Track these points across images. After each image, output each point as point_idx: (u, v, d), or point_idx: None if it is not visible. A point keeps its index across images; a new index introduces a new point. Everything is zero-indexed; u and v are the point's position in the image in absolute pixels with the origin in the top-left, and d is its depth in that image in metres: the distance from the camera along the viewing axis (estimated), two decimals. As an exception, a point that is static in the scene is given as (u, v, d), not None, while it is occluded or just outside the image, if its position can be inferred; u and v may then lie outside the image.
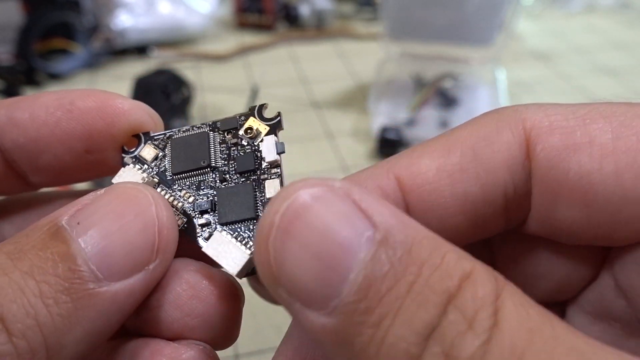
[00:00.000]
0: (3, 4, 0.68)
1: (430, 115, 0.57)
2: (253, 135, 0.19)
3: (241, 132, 0.19)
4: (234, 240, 0.17)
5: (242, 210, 0.18)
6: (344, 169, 0.52)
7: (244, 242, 0.17)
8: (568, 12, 0.88)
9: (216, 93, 0.64)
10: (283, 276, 0.13)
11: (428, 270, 0.12)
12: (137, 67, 0.67)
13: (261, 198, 0.18)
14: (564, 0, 0.89)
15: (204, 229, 0.18)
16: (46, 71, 0.66)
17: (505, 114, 0.17)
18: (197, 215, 0.18)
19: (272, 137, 0.19)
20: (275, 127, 0.19)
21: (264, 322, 0.37)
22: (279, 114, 0.19)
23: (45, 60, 0.66)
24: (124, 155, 0.19)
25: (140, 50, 0.72)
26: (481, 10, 0.56)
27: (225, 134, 0.19)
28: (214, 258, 0.17)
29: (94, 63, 0.69)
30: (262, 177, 0.18)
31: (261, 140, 0.19)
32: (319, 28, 0.80)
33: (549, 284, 0.18)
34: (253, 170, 0.18)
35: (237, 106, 0.58)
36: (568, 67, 0.71)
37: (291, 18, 0.81)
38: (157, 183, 0.19)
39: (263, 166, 0.18)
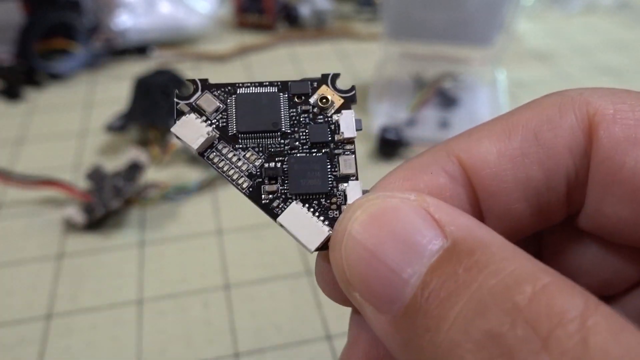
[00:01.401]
0: (3, 4, 0.68)
1: (430, 115, 0.58)
2: (327, 105, 0.18)
3: (313, 99, 0.18)
4: (310, 213, 0.17)
5: (315, 183, 0.17)
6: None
7: (319, 217, 0.17)
8: (568, 12, 0.88)
9: (216, 93, 0.64)
10: (355, 281, 0.14)
11: (493, 279, 0.12)
12: (137, 67, 0.67)
13: (335, 173, 0.17)
14: (564, 1, 0.89)
15: (270, 196, 0.17)
16: (46, 71, 0.66)
17: (569, 96, 0.16)
18: (264, 181, 0.17)
19: (351, 112, 0.18)
20: (350, 100, 0.18)
21: (264, 321, 0.37)
22: (353, 87, 0.18)
23: (46, 60, 0.66)
24: (177, 100, 0.18)
25: (140, 50, 0.72)
26: (481, 10, 0.56)
27: (296, 98, 0.18)
28: (291, 230, 0.16)
29: (94, 63, 0.69)
30: (335, 151, 0.17)
31: (337, 113, 0.18)
32: (319, 28, 0.80)
33: (593, 280, 0.18)
34: (326, 142, 0.18)
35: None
36: (568, 67, 0.71)
37: (291, 18, 0.81)
38: (218, 139, 0.17)
39: (336, 140, 0.18)
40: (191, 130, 0.17)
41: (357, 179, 0.17)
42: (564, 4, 0.89)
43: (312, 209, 0.17)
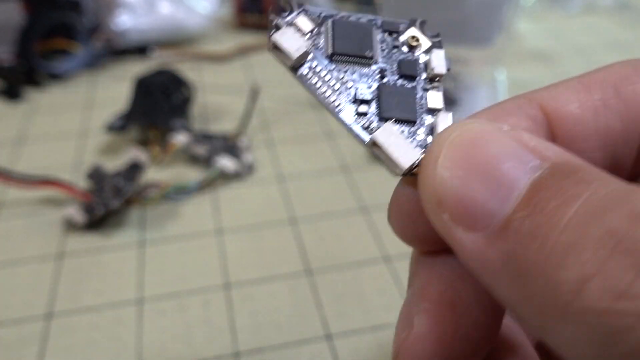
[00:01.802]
0: (3, 4, 0.68)
1: (430, 115, 0.57)
2: (416, 45, 0.19)
3: (404, 37, 0.19)
4: (403, 135, 0.17)
5: (405, 110, 0.17)
6: (343, 169, 0.52)
7: (411, 141, 0.17)
8: (568, 12, 0.88)
9: (217, 93, 0.64)
10: (447, 200, 0.13)
11: (604, 189, 0.12)
12: (137, 67, 0.67)
13: (423, 105, 0.18)
14: (564, 1, 0.89)
15: (360, 118, 0.17)
16: (47, 71, 0.66)
17: None
18: (356, 103, 0.18)
19: (442, 51, 0.19)
20: (438, 44, 0.19)
21: (264, 320, 0.37)
22: (439, 34, 0.19)
23: (46, 60, 0.66)
24: (273, 17, 0.18)
25: (140, 50, 0.72)
26: (481, 10, 0.57)
27: (387, 34, 0.19)
28: (386, 146, 0.16)
29: (94, 63, 0.69)
30: (424, 86, 0.18)
31: (426, 52, 0.19)
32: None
33: None
34: (414, 77, 0.18)
35: (239, 107, 0.58)
36: (568, 68, 0.71)
37: (291, 18, 0.80)
38: (312, 57, 0.18)
39: (424, 77, 0.18)
40: (291, 41, 0.17)
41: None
42: (564, 4, 0.89)
43: (403, 133, 0.17)
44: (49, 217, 0.46)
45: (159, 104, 0.53)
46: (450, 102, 0.59)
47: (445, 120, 0.17)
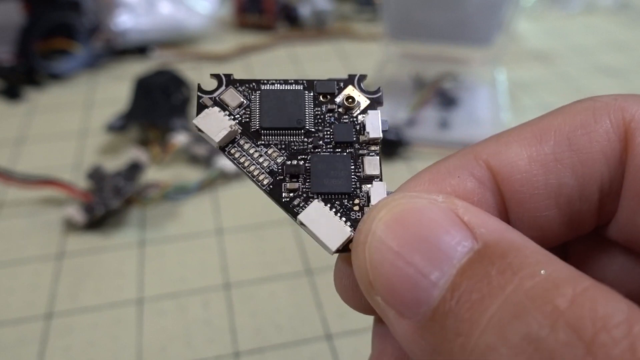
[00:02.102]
0: (3, 4, 0.68)
1: (430, 115, 0.58)
2: (353, 105, 0.18)
3: (339, 99, 0.18)
4: (332, 213, 0.16)
5: (338, 183, 0.17)
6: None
7: (341, 218, 0.16)
8: (568, 12, 0.88)
9: (216, 93, 0.64)
10: (378, 283, 0.13)
11: (530, 282, 0.11)
12: (137, 68, 0.67)
13: (358, 174, 0.17)
14: (564, 1, 0.89)
15: (291, 194, 0.17)
16: (47, 71, 0.66)
17: (603, 101, 0.15)
18: (286, 179, 0.17)
19: (377, 113, 0.18)
20: (376, 101, 0.18)
21: (264, 320, 0.37)
22: (379, 89, 0.18)
23: (46, 60, 0.66)
24: (200, 94, 0.18)
25: (140, 50, 0.72)
26: (481, 10, 0.57)
27: (321, 97, 0.18)
28: (311, 229, 0.16)
29: (94, 63, 0.69)
30: (360, 151, 0.17)
31: (363, 113, 0.18)
32: (319, 28, 0.80)
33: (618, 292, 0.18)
34: (351, 142, 0.17)
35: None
36: (568, 68, 0.71)
37: (291, 18, 0.81)
38: (240, 134, 0.17)
39: (361, 140, 0.17)
40: (214, 123, 0.17)
41: (381, 180, 0.17)
42: (564, 4, 0.89)
43: (334, 209, 0.16)
44: (49, 217, 0.46)
45: (159, 104, 0.53)
46: (450, 102, 0.59)
47: (378, 191, 0.16)
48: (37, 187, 0.46)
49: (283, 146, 0.17)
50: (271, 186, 0.17)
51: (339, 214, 0.16)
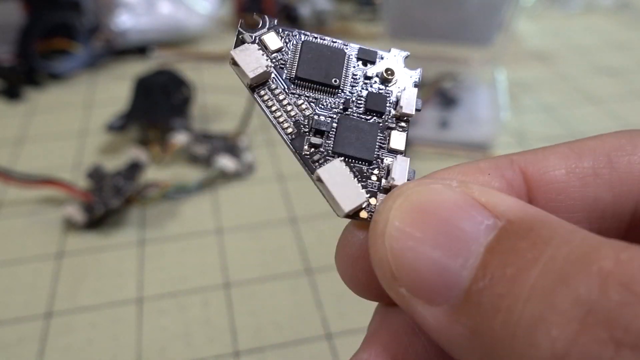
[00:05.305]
0: (3, 4, 0.68)
1: (430, 115, 0.58)
2: (390, 78, 0.18)
3: (379, 69, 0.18)
4: (351, 175, 0.16)
5: (361, 149, 0.16)
6: (344, 169, 0.52)
7: (358, 182, 0.16)
8: (568, 12, 0.88)
9: (217, 93, 0.64)
10: (402, 273, 0.13)
11: (565, 248, 0.11)
12: (137, 67, 0.67)
13: (383, 145, 0.17)
14: (564, 1, 0.89)
15: (312, 149, 0.16)
16: (47, 71, 0.66)
17: (638, 130, 0.16)
18: (310, 133, 0.16)
19: (415, 90, 0.17)
20: (417, 79, 0.18)
21: (264, 319, 0.37)
22: (420, 70, 0.18)
23: (46, 60, 0.66)
24: (241, 30, 0.17)
25: (140, 50, 0.72)
26: (481, 10, 0.57)
27: (361, 63, 0.18)
28: (328, 185, 0.15)
29: (94, 63, 0.69)
30: (389, 124, 0.17)
31: (399, 88, 0.17)
32: (319, 28, 0.80)
33: None
34: (381, 113, 0.17)
35: (239, 107, 0.58)
36: (568, 68, 0.71)
37: (291, 18, 0.81)
38: (273, 79, 0.17)
39: (392, 114, 0.17)
40: (251, 59, 0.16)
41: (405, 156, 0.17)
42: (564, 4, 0.89)
43: (352, 174, 0.16)
44: (49, 217, 0.46)
45: (159, 104, 0.53)
46: (450, 102, 0.59)
47: (400, 166, 0.16)
48: (37, 187, 0.46)
49: (314, 100, 0.17)
50: (293, 136, 0.16)
51: (356, 179, 0.16)
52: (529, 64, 0.73)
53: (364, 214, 0.16)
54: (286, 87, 0.17)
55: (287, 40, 0.18)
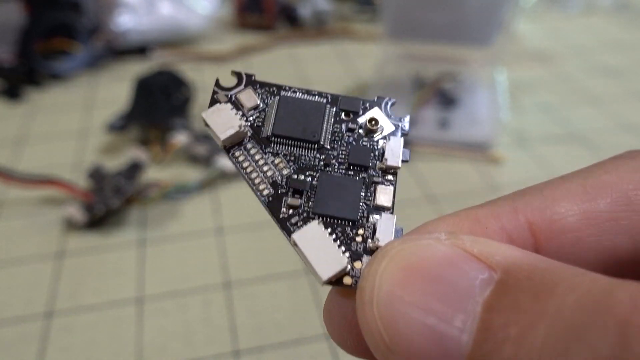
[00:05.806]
0: (4, 5, 0.68)
1: (430, 115, 0.58)
2: (375, 129, 0.16)
3: (362, 119, 0.17)
4: (331, 238, 0.14)
5: (344, 208, 0.15)
6: (344, 169, 0.52)
7: (340, 246, 0.15)
8: (568, 12, 0.88)
9: (217, 93, 0.64)
10: (397, 344, 0.11)
11: (572, 295, 0.09)
12: (137, 68, 0.67)
13: (368, 202, 0.15)
14: (564, 1, 0.89)
15: (290, 211, 0.15)
16: (47, 71, 0.66)
17: None
18: (288, 193, 0.15)
19: (401, 140, 0.16)
20: (402, 128, 0.17)
21: (264, 319, 0.37)
22: (408, 117, 0.17)
23: (47, 60, 0.66)
24: (217, 89, 0.17)
25: (141, 50, 0.72)
26: (481, 10, 0.57)
27: (343, 114, 0.17)
28: (304, 251, 0.14)
29: (94, 63, 0.69)
30: (374, 178, 0.16)
31: (385, 139, 0.16)
32: (319, 28, 0.80)
33: None
34: (366, 167, 0.16)
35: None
36: (568, 68, 0.71)
37: (291, 18, 0.81)
38: (249, 138, 0.16)
39: (377, 167, 0.16)
40: (222, 120, 0.16)
41: (392, 213, 0.15)
42: (564, 4, 0.89)
43: (334, 235, 0.15)
44: (49, 217, 0.46)
45: (159, 104, 0.53)
46: (450, 102, 0.59)
47: (385, 227, 0.15)
48: (38, 187, 0.46)
49: (292, 158, 0.16)
50: (270, 198, 0.15)
51: (338, 242, 0.15)
52: (529, 64, 0.73)
53: (348, 280, 0.14)
54: (263, 145, 0.16)
55: (264, 97, 0.17)
